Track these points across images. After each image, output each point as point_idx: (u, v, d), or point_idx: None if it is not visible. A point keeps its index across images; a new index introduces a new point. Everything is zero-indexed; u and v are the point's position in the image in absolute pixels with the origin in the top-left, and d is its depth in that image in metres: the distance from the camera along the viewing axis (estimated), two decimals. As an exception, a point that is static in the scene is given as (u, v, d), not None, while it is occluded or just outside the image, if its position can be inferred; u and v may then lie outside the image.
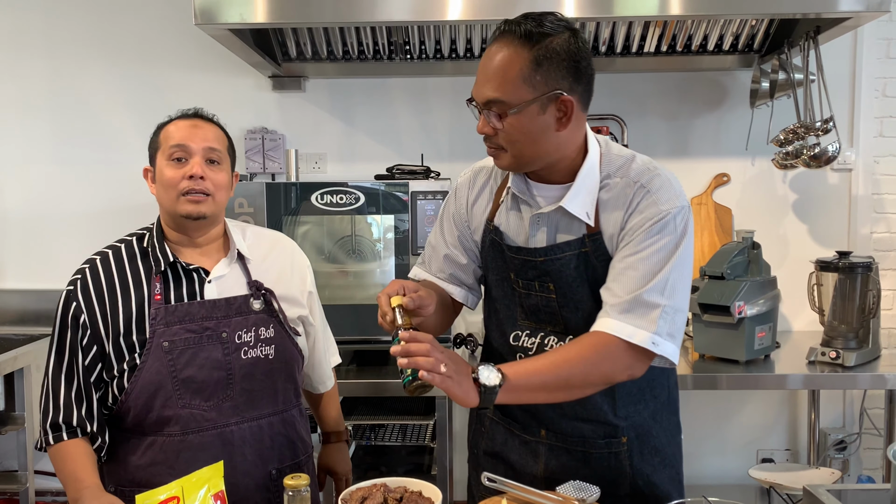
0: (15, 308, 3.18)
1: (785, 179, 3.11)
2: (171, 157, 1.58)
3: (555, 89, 1.34)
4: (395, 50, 2.93)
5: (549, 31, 1.33)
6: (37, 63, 3.16)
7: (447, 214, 1.64)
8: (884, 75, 3.04)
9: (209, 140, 1.59)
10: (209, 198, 1.57)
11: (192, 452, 1.53)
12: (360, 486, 1.38)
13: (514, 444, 1.59)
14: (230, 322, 1.58)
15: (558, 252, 1.45)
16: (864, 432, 3.08)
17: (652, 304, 1.35)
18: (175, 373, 1.53)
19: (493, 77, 1.34)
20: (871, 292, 2.60)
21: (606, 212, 1.43)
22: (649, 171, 1.43)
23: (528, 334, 1.54)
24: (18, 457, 2.68)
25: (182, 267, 1.60)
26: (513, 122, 1.35)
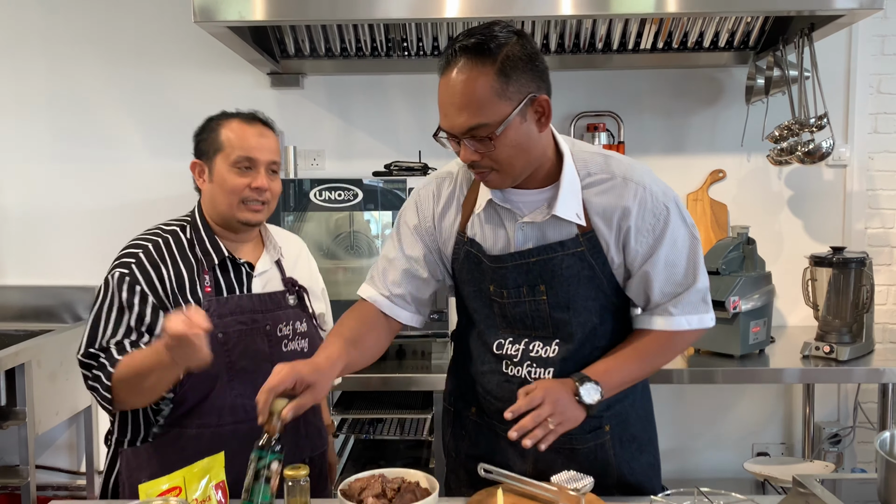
0: (15, 304, 3.20)
1: (780, 175, 3.13)
2: (237, 165, 1.61)
3: (528, 94, 1.34)
4: (393, 47, 2.95)
5: (502, 40, 1.31)
6: (36, 61, 3.17)
7: (407, 227, 1.59)
8: (878, 72, 3.07)
9: (273, 152, 1.65)
10: (265, 206, 1.65)
11: (238, 443, 1.51)
12: (358, 477, 1.40)
13: (500, 446, 1.58)
14: (272, 315, 1.65)
15: (551, 252, 1.46)
16: (857, 426, 3.11)
17: (700, 290, 1.50)
18: (231, 364, 1.58)
19: (468, 104, 1.31)
20: (864, 287, 2.62)
21: (596, 210, 1.45)
22: (629, 166, 1.47)
23: (510, 342, 1.54)
24: (20, 451, 2.70)
25: (232, 261, 1.65)
26: (502, 141, 1.34)
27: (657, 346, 1.51)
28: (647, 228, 1.45)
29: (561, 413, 1.36)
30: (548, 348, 1.51)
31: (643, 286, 1.49)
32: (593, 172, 1.47)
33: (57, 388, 2.90)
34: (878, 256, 3.08)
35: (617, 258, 1.48)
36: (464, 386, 1.65)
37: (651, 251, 1.46)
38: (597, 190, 1.46)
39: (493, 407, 1.57)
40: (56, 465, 3.29)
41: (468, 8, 2.31)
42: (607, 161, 1.48)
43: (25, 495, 2.73)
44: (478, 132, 1.33)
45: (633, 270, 1.49)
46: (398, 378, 2.53)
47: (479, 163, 1.38)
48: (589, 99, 3.11)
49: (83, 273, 3.21)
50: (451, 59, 1.33)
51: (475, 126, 1.32)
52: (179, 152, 3.16)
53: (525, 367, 1.52)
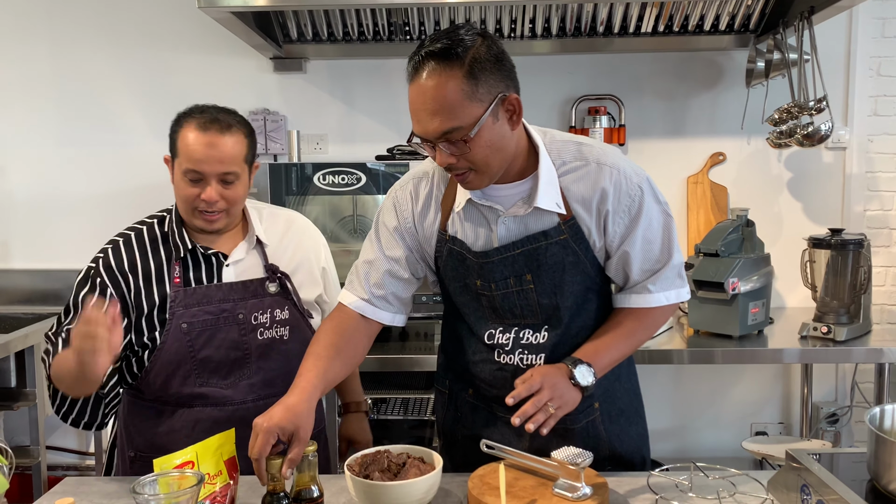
0: (23, 288, 3.24)
1: (780, 158, 3.15)
2: (185, 175, 1.58)
3: (498, 94, 1.35)
4: (395, 31, 2.96)
5: (468, 43, 1.33)
6: (41, 46, 3.19)
7: (386, 229, 1.59)
8: (878, 54, 3.07)
9: (224, 162, 1.57)
10: (223, 213, 1.61)
11: (209, 424, 1.59)
12: (364, 453, 1.44)
13: (496, 426, 1.61)
14: (246, 304, 1.64)
15: (535, 242, 1.49)
16: (855, 405, 3.15)
17: (675, 265, 1.55)
18: (193, 353, 1.60)
19: (440, 109, 1.32)
20: (862, 269, 2.65)
21: (575, 197, 1.48)
22: (601, 150, 1.51)
23: (501, 331, 1.57)
24: (31, 432, 2.75)
25: (201, 252, 1.65)
26: (477, 142, 1.35)
27: (639, 323, 1.56)
28: (624, 209, 1.49)
29: (560, 397, 1.40)
30: (538, 335, 1.55)
31: (622, 265, 1.54)
32: (567, 161, 1.50)
33: (65, 370, 2.95)
34: (877, 238, 3.11)
35: (598, 241, 1.51)
36: (458, 369, 1.68)
37: (628, 231, 1.50)
38: (573, 177, 1.49)
39: (489, 393, 1.61)
40: (65, 446, 3.34)
41: (470, -8, 2.33)
42: (580, 148, 1.51)
43: (36, 475, 2.78)
44: (452, 136, 1.35)
45: (612, 251, 1.52)
46: (401, 359, 2.57)
47: (455, 165, 1.39)
48: (590, 82, 3.13)
49: (90, 256, 3.22)
50: (419, 65, 1.34)
51: (449, 130, 1.34)
52: (183, 137, 3.19)
53: (517, 354, 1.56)
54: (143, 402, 1.66)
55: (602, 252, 1.53)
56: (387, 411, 2.69)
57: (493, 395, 1.60)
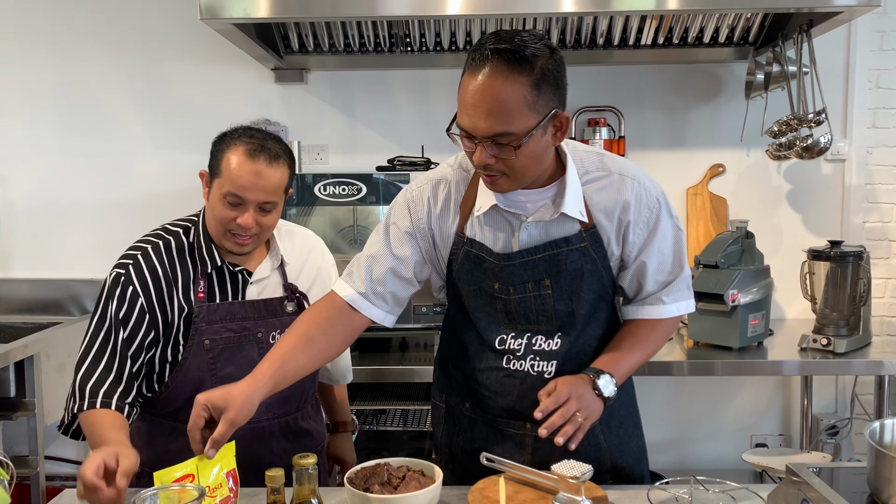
0: (23, 297, 3.24)
1: (779, 170, 3.16)
2: (225, 197, 1.57)
3: (552, 109, 1.35)
4: (396, 43, 2.98)
5: (538, 52, 1.32)
6: (43, 55, 3.20)
7: (397, 228, 1.57)
8: (877, 67, 3.09)
9: (268, 193, 1.57)
10: (255, 237, 1.61)
11: None
12: (364, 466, 1.44)
13: (496, 439, 1.61)
14: (265, 323, 1.65)
15: (556, 248, 1.50)
16: (855, 417, 3.14)
17: (686, 278, 1.59)
18: (215, 370, 1.60)
19: (498, 111, 1.31)
20: (861, 281, 2.65)
21: (598, 206, 1.50)
22: (623, 162, 1.54)
23: (513, 337, 1.57)
24: (29, 442, 2.74)
25: (228, 269, 1.65)
26: (523, 151, 1.35)
27: (653, 333, 1.59)
28: (643, 221, 1.52)
29: (586, 407, 1.41)
30: (550, 341, 1.55)
31: (637, 276, 1.56)
32: (590, 170, 1.51)
33: (65, 379, 2.94)
34: (876, 250, 3.11)
35: (616, 251, 1.53)
36: (456, 382, 1.68)
37: (646, 243, 1.53)
38: (596, 186, 1.50)
39: (493, 402, 1.60)
40: (64, 456, 3.34)
41: (471, 5, 2.33)
42: (601, 159, 1.53)
43: (35, 485, 2.77)
44: (501, 139, 1.33)
45: (630, 261, 1.55)
46: (401, 370, 2.57)
47: (492, 167, 1.38)
48: (590, 94, 3.14)
49: (90, 266, 3.25)
50: (485, 60, 1.31)
51: (501, 133, 1.33)
52: (185, 146, 3.20)
53: (528, 360, 1.56)
54: (155, 419, 1.66)
55: (617, 262, 1.55)
56: (386, 422, 2.69)
57: (497, 405, 1.59)
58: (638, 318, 1.59)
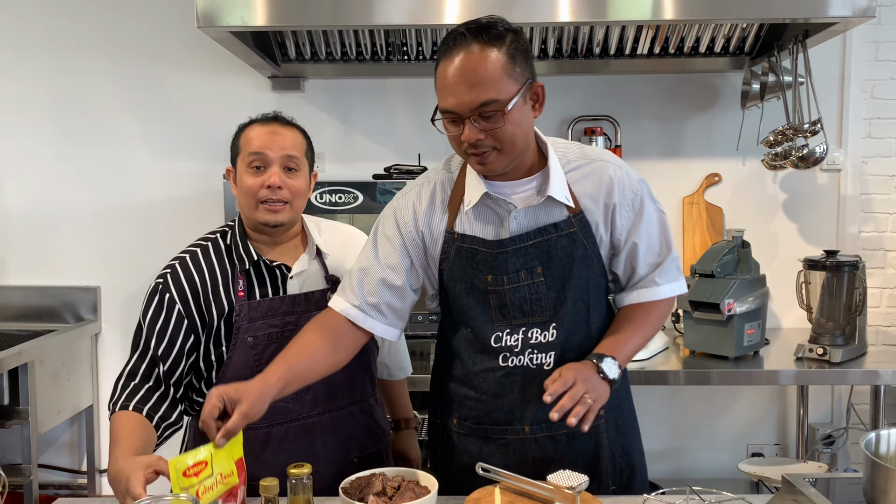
0: (18, 304, 3.23)
1: (775, 179, 3.17)
2: (251, 165, 1.61)
3: (528, 79, 1.43)
4: (393, 51, 2.98)
5: (506, 27, 1.42)
6: (40, 63, 3.21)
7: (385, 237, 1.60)
8: (872, 77, 3.10)
9: (287, 147, 1.62)
10: (287, 206, 1.62)
11: (277, 444, 1.60)
12: (359, 476, 1.43)
13: (491, 450, 1.59)
14: (310, 316, 1.63)
15: (546, 234, 1.53)
16: (851, 427, 3.14)
17: (675, 258, 1.63)
18: (260, 367, 1.58)
19: (480, 81, 1.38)
20: (857, 290, 2.66)
21: (583, 192, 1.55)
22: (601, 151, 1.63)
23: (508, 333, 1.56)
24: (23, 450, 2.73)
25: (265, 264, 1.66)
26: (509, 118, 1.40)
27: (649, 315, 1.61)
28: (628, 203, 1.56)
29: (594, 389, 1.41)
30: (546, 333, 1.56)
31: (630, 259, 1.59)
32: (572, 160, 1.57)
33: (59, 387, 2.93)
34: (872, 260, 3.12)
35: (605, 236, 1.57)
36: (446, 396, 1.67)
37: (634, 225, 1.57)
38: (579, 174, 1.56)
39: (491, 407, 1.59)
40: (58, 464, 3.32)
41: (467, 14, 2.34)
42: (581, 149, 1.60)
43: (28, 494, 2.76)
44: (488, 108, 1.39)
45: (621, 245, 1.58)
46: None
47: (481, 142, 1.42)
48: (586, 103, 3.15)
49: (86, 273, 3.25)
50: (459, 41, 1.39)
51: (486, 101, 1.38)
52: (181, 154, 3.20)
53: (527, 354, 1.56)
54: None
55: (608, 249, 1.58)
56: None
57: (496, 409, 1.58)
58: (634, 303, 1.62)
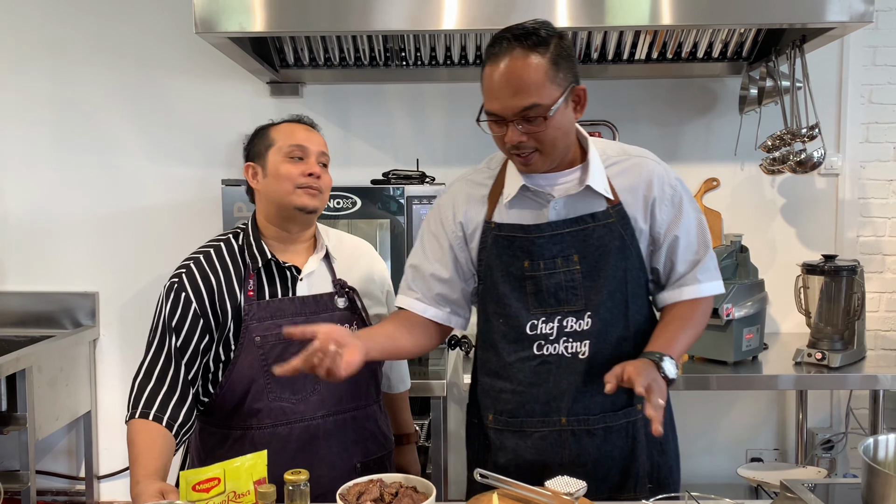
0: (16, 310, 3.22)
1: (773, 184, 3.17)
2: (290, 155, 1.68)
3: (571, 82, 1.48)
4: (391, 57, 2.99)
5: (551, 33, 1.47)
6: (38, 68, 3.21)
7: (430, 234, 1.69)
8: (870, 82, 3.11)
9: (322, 146, 1.74)
10: (320, 194, 1.70)
11: (280, 444, 1.61)
12: (357, 482, 1.43)
13: (527, 445, 1.61)
14: (318, 318, 1.66)
15: (583, 223, 1.57)
16: (850, 432, 3.14)
17: (713, 257, 1.66)
18: (266, 367, 1.61)
19: (524, 86, 1.43)
20: (856, 295, 2.66)
21: (622, 186, 1.59)
22: (640, 149, 1.67)
23: (543, 321, 1.59)
24: (20, 456, 2.72)
25: (276, 264, 1.68)
26: (552, 122, 1.46)
27: (695, 311, 1.63)
28: (668, 198, 1.60)
29: (661, 390, 1.41)
30: (581, 322, 1.58)
31: (670, 254, 1.61)
32: (612, 155, 1.62)
33: (57, 393, 2.93)
34: (870, 264, 3.12)
35: (644, 227, 1.59)
36: (480, 393, 1.71)
37: (674, 219, 1.60)
38: (618, 169, 1.60)
39: (527, 398, 1.60)
40: (55, 471, 3.31)
41: (465, 20, 2.35)
42: (621, 146, 1.67)
43: (25, 500, 2.75)
44: (530, 112, 1.44)
45: (661, 239, 1.61)
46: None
47: (524, 144, 1.48)
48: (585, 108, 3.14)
49: (84, 279, 3.24)
50: (505, 46, 1.45)
51: (530, 106, 1.44)
52: (180, 159, 3.20)
53: (562, 343, 1.58)
54: (213, 429, 1.67)
55: (647, 240, 1.60)
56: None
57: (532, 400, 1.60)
58: (677, 303, 1.63)
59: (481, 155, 1.75)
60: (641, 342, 1.59)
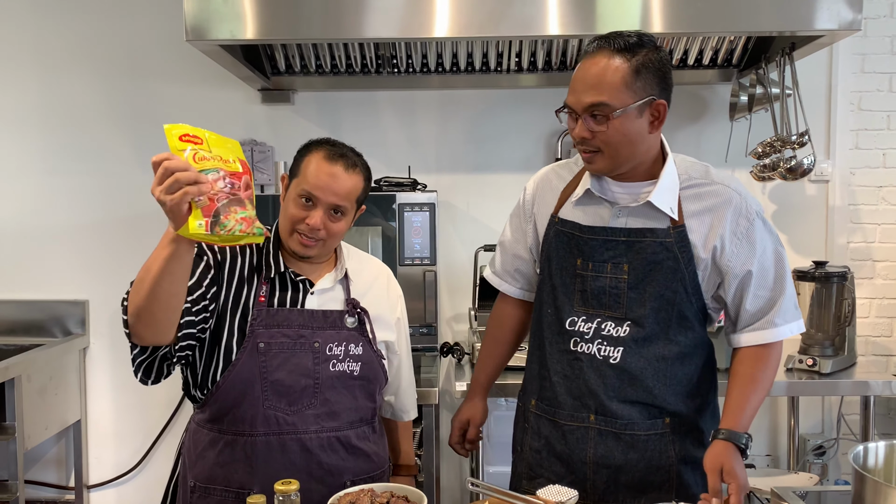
0: (5, 319, 3.19)
1: (764, 190, 3.18)
2: (300, 196, 1.63)
3: (650, 95, 1.50)
4: (383, 64, 2.99)
5: (642, 43, 1.50)
6: (28, 76, 3.19)
7: (514, 215, 1.84)
8: (859, 89, 3.13)
9: (339, 196, 1.63)
10: (321, 243, 1.65)
11: (271, 454, 1.60)
12: (347, 492, 1.42)
13: (558, 435, 1.67)
14: (324, 333, 1.66)
15: (640, 236, 1.58)
16: (841, 438, 3.15)
17: (792, 296, 1.63)
18: (266, 374, 1.61)
19: (597, 84, 1.48)
20: (846, 301, 2.67)
21: (693, 211, 1.58)
22: (729, 176, 1.63)
23: (584, 320, 1.64)
24: (9, 466, 2.70)
25: (290, 277, 1.68)
26: (615, 125, 1.49)
27: (765, 364, 1.61)
28: (741, 232, 1.58)
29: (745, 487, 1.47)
30: (619, 329, 1.60)
31: (741, 289, 1.59)
32: (694, 177, 1.61)
33: (46, 402, 2.91)
34: (860, 270, 3.13)
35: (704, 257, 1.58)
36: (528, 379, 1.78)
37: (748, 254, 1.57)
38: (695, 192, 1.59)
39: (562, 389, 1.66)
40: (45, 480, 3.29)
41: (457, 28, 2.35)
42: (707, 170, 1.65)
43: (14, 510, 2.73)
44: (597, 110, 1.49)
45: (733, 272, 1.58)
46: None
47: (588, 141, 1.53)
48: (576, 115, 3.15)
49: (74, 287, 3.23)
50: (596, 47, 1.52)
51: (596, 104, 1.49)
52: (170, 167, 3.19)
53: (595, 344, 1.62)
54: (205, 430, 1.67)
55: (706, 270, 1.59)
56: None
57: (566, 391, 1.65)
58: (747, 353, 1.62)
59: (473, 162, 1.78)
60: (683, 366, 1.62)
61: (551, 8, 2.35)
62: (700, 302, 1.61)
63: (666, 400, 1.61)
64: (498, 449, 2.84)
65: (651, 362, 1.59)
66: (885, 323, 3.19)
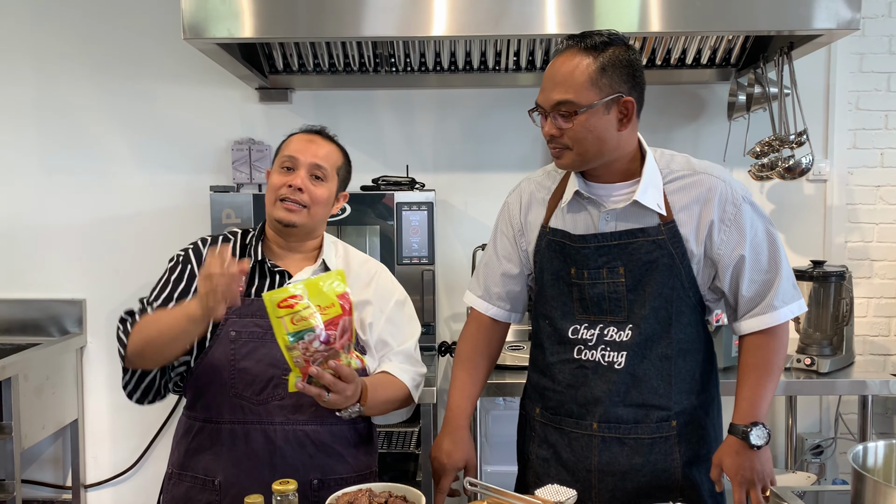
0: (2, 317, 3.18)
1: (762, 190, 3.18)
2: (282, 166, 1.69)
3: (617, 92, 1.50)
4: (381, 63, 2.98)
5: (610, 41, 1.51)
6: (25, 74, 3.18)
7: (500, 233, 1.78)
8: (857, 88, 3.13)
9: (318, 157, 1.69)
10: (304, 209, 1.66)
11: (235, 443, 1.61)
12: (345, 492, 1.42)
13: (564, 443, 1.66)
14: None
15: (632, 237, 1.57)
16: (839, 437, 3.15)
17: (788, 276, 1.60)
18: (234, 361, 1.62)
19: (563, 82, 1.50)
20: (844, 300, 2.67)
21: (679, 203, 1.57)
22: (710, 164, 1.62)
23: (586, 327, 1.63)
24: (6, 466, 2.69)
25: (269, 268, 1.69)
26: (581, 121, 1.49)
27: (770, 350, 1.60)
28: (729, 219, 1.57)
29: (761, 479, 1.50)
30: (622, 333, 1.60)
31: (736, 274, 1.58)
32: (676, 170, 1.60)
33: (43, 401, 2.90)
34: (858, 269, 3.13)
35: (696, 250, 1.57)
36: (530, 387, 1.77)
37: (738, 240, 1.56)
38: (679, 185, 1.59)
39: (566, 398, 1.65)
40: (42, 480, 3.28)
41: (455, 26, 2.35)
42: (688, 160, 1.64)
43: (11, 510, 2.72)
44: (563, 107, 1.50)
45: (724, 260, 1.57)
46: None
47: (557, 138, 1.54)
48: (574, 114, 3.15)
49: (71, 286, 3.22)
50: (568, 47, 1.53)
51: (562, 101, 1.49)
52: (168, 166, 3.18)
53: (599, 350, 1.61)
54: (184, 418, 1.71)
55: (699, 262, 1.58)
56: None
57: (570, 401, 1.64)
58: (752, 340, 1.61)
59: (471, 161, 1.77)
60: (685, 362, 1.61)
61: (550, 7, 2.34)
62: (697, 295, 1.61)
63: (671, 398, 1.60)
64: (496, 449, 2.84)
65: (654, 362, 1.59)
66: (883, 322, 3.19)
